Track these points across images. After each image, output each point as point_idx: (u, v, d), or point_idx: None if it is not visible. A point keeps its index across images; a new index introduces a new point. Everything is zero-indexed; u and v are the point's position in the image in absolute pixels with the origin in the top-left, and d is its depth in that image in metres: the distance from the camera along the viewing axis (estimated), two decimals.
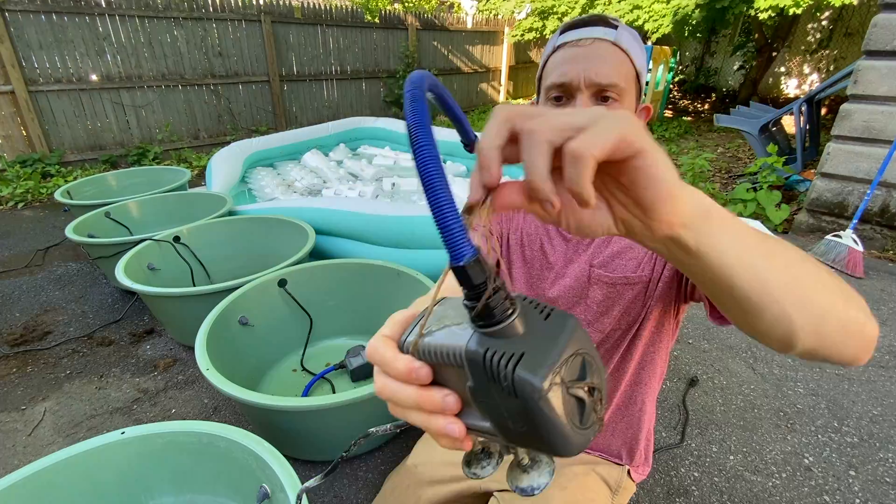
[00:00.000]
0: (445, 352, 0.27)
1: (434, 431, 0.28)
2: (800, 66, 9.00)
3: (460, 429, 0.28)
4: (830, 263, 2.86)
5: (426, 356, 0.28)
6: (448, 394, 0.28)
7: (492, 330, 0.24)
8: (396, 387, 0.29)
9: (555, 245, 0.79)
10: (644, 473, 0.88)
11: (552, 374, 0.23)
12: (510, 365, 0.23)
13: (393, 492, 0.93)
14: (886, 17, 2.82)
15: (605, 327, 0.74)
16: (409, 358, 0.29)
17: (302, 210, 2.48)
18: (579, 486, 0.78)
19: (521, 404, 0.23)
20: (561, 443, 0.24)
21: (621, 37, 0.63)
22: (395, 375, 0.29)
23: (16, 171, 4.26)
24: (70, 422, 1.69)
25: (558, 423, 0.23)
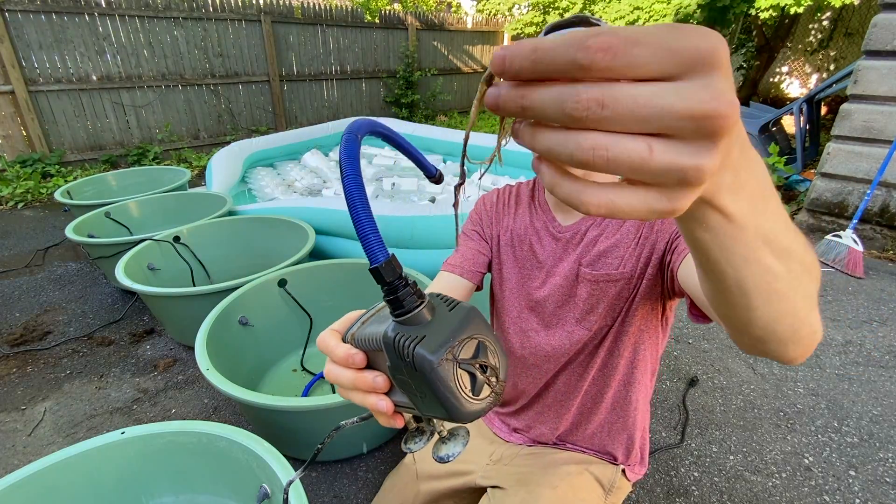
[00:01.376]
0: (371, 338, 0.33)
1: (369, 407, 0.34)
2: (800, 66, 8.99)
3: (388, 405, 0.33)
4: (830, 263, 2.86)
5: (361, 344, 0.34)
6: (378, 375, 0.33)
7: (403, 318, 0.30)
8: (339, 371, 0.35)
9: (544, 244, 0.79)
10: (640, 473, 0.88)
11: (445, 351, 0.28)
12: (412, 345, 0.28)
13: (392, 489, 0.94)
14: (886, 17, 2.82)
15: (593, 325, 0.75)
16: (348, 346, 0.35)
17: (302, 210, 2.48)
18: (570, 486, 0.78)
19: (421, 377, 0.28)
20: (454, 408, 0.29)
21: None
22: (336, 361, 0.35)
23: (16, 171, 4.26)
24: (70, 422, 1.69)
25: (449, 392, 0.28)
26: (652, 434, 1.66)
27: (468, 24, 8.58)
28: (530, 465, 0.84)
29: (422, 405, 0.31)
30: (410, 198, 3.54)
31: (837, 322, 2.32)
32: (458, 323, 0.30)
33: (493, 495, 0.80)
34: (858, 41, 7.92)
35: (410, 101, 7.57)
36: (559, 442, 0.87)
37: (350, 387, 0.34)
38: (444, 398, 0.28)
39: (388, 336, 0.30)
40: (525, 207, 0.83)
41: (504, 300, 0.84)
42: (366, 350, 0.34)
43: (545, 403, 0.85)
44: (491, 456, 0.88)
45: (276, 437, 1.34)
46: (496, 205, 0.88)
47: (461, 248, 0.85)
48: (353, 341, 0.35)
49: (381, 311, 0.36)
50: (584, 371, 0.79)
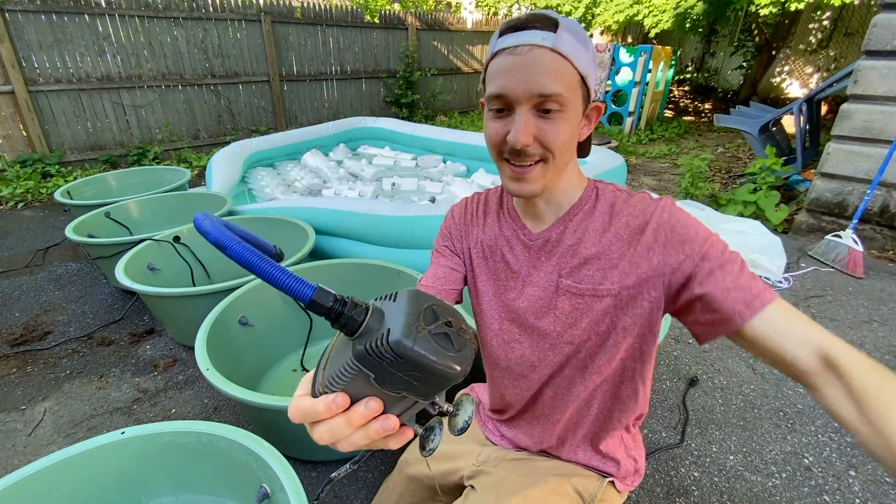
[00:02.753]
0: (342, 370, 0.32)
1: (376, 436, 0.33)
2: (800, 66, 8.99)
3: (394, 421, 0.33)
4: (830, 263, 2.87)
5: (335, 385, 0.33)
6: (368, 400, 0.32)
7: (360, 331, 0.31)
8: (329, 425, 0.33)
9: (516, 253, 0.75)
10: (633, 484, 0.85)
11: (412, 328, 0.29)
12: (384, 341, 0.29)
13: (388, 488, 0.95)
14: (886, 17, 2.82)
15: (575, 338, 0.70)
16: (324, 396, 0.33)
17: (302, 210, 2.48)
18: (542, 498, 0.76)
19: (408, 361, 0.29)
20: (447, 369, 0.30)
21: (560, 41, 0.57)
22: (322, 416, 0.33)
23: (16, 171, 4.26)
24: (70, 422, 1.69)
25: (439, 357, 0.29)
26: (652, 434, 1.66)
27: (468, 24, 8.58)
28: (510, 471, 0.83)
29: (422, 391, 0.32)
30: (410, 198, 3.54)
31: (837, 322, 2.32)
32: (406, 304, 0.32)
33: (466, 495, 0.80)
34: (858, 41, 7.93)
35: (410, 101, 7.57)
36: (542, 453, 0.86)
37: (348, 431, 0.33)
38: (437, 366, 0.29)
39: (359, 352, 0.30)
40: (494, 216, 0.79)
41: (483, 312, 0.81)
42: (343, 387, 0.33)
43: (534, 415, 0.82)
44: (478, 457, 0.88)
45: (276, 437, 1.34)
46: (465, 216, 0.83)
47: (433, 267, 0.81)
48: (325, 389, 0.34)
49: (334, 347, 0.36)
50: (570, 384, 0.76)
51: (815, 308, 2.44)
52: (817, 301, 2.51)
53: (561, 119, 0.60)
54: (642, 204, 0.67)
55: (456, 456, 0.90)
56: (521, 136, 0.58)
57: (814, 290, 2.63)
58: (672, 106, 9.36)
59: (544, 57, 0.57)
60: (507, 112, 0.61)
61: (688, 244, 0.61)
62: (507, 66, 0.59)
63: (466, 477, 0.86)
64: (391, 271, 1.92)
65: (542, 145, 0.60)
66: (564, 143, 0.61)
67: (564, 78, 0.58)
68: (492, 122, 0.63)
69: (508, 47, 0.59)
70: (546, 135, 0.60)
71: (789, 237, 3.36)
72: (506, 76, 0.59)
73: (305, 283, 0.31)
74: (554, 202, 0.71)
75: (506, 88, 0.59)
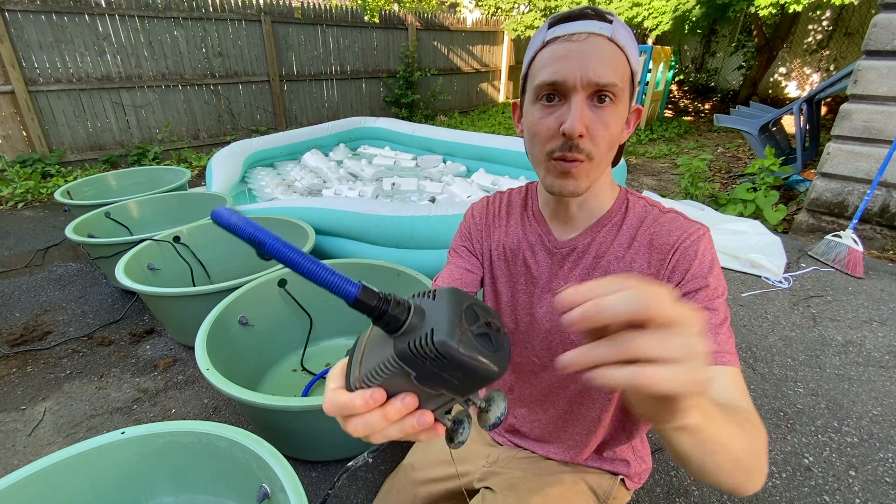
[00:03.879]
0: (382, 366, 0.32)
1: (412, 431, 0.33)
2: (800, 66, 8.99)
3: (429, 416, 0.33)
4: (831, 263, 2.87)
5: (372, 381, 0.33)
6: (404, 396, 0.33)
7: (403, 330, 0.31)
8: (365, 419, 0.33)
9: (538, 259, 0.74)
10: (641, 481, 0.86)
11: (456, 328, 0.30)
12: (428, 341, 0.29)
13: (390, 491, 0.94)
14: (886, 17, 2.82)
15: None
16: (361, 391, 0.33)
17: (302, 210, 2.48)
18: (561, 495, 0.76)
19: (451, 361, 0.29)
20: (488, 370, 0.30)
21: (618, 32, 0.57)
22: (359, 411, 0.33)
23: (16, 171, 4.26)
24: (70, 422, 1.69)
25: (481, 358, 0.30)
26: (652, 434, 1.66)
27: (468, 24, 8.59)
28: (524, 469, 0.83)
29: (460, 389, 0.32)
30: (410, 198, 3.54)
31: (837, 322, 2.32)
32: (448, 303, 0.32)
33: (483, 497, 0.80)
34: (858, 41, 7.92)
35: (410, 101, 7.57)
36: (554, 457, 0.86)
37: (384, 425, 0.33)
38: (478, 367, 0.30)
39: (402, 350, 0.30)
40: (518, 218, 0.77)
41: (500, 314, 0.79)
42: (381, 383, 0.33)
43: (547, 420, 0.82)
44: (488, 458, 0.88)
45: (276, 437, 1.34)
46: (486, 216, 0.80)
47: (449, 267, 0.79)
48: (362, 384, 0.34)
49: (369, 341, 0.36)
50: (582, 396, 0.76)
51: (815, 308, 2.44)
52: (817, 301, 2.51)
53: (612, 112, 0.58)
54: (671, 225, 0.65)
55: (464, 459, 0.90)
56: (577, 124, 0.56)
57: (814, 290, 2.62)
58: (672, 106, 9.36)
59: (603, 45, 0.56)
60: (560, 102, 0.58)
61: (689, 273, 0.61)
62: (562, 54, 0.57)
63: (478, 479, 0.85)
64: (391, 271, 1.92)
65: (592, 139, 0.58)
66: (611, 140, 0.60)
67: (620, 69, 0.57)
68: (542, 114, 0.60)
69: (562, 35, 0.57)
70: (597, 128, 0.58)
71: (789, 237, 3.36)
72: (562, 63, 0.56)
73: (350, 280, 0.31)
74: (587, 208, 0.69)
75: (562, 75, 0.56)
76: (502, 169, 4.02)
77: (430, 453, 0.93)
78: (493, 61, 9.38)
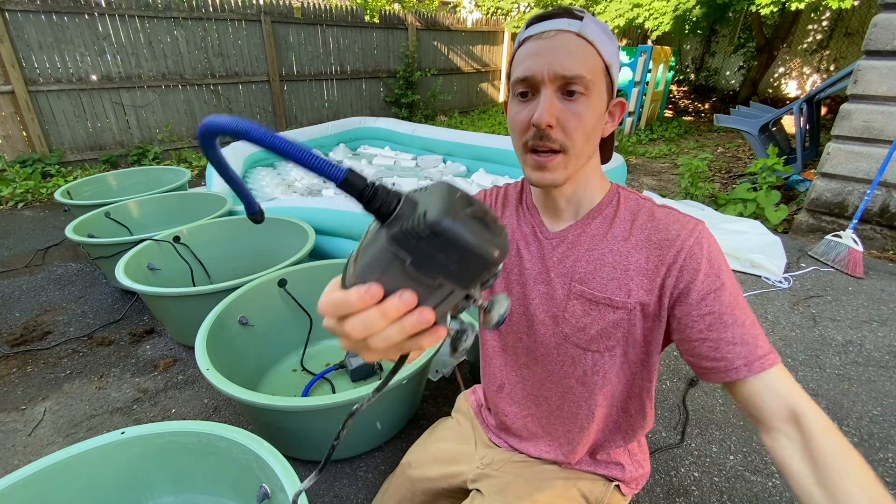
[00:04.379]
0: (377, 256, 0.31)
1: (412, 330, 0.31)
2: (800, 66, 9.00)
3: (429, 313, 0.31)
4: (831, 263, 2.87)
5: (368, 275, 0.32)
6: (402, 292, 0.30)
7: (395, 215, 0.30)
8: (362, 317, 0.31)
9: (531, 249, 0.74)
10: (638, 486, 0.85)
11: (451, 209, 0.29)
12: (422, 219, 0.28)
13: (388, 489, 0.94)
14: (886, 17, 2.82)
15: (582, 342, 0.70)
16: (357, 286, 0.31)
17: (302, 210, 2.48)
18: (549, 502, 0.76)
19: (447, 240, 0.28)
20: (486, 251, 0.29)
21: (586, 28, 0.60)
22: (355, 308, 0.31)
23: (16, 171, 4.26)
24: (70, 422, 1.69)
25: (477, 237, 0.29)
26: (652, 434, 1.66)
27: (468, 24, 8.59)
28: (516, 473, 0.83)
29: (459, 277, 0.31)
30: None
31: (837, 322, 2.32)
32: (440, 191, 0.31)
33: (473, 499, 0.80)
34: (858, 41, 7.93)
35: (410, 101, 7.57)
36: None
37: (383, 323, 0.31)
38: (474, 245, 0.29)
39: (394, 233, 0.29)
40: (512, 210, 0.79)
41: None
42: (376, 277, 0.31)
43: (539, 415, 0.82)
44: (482, 459, 0.88)
45: (276, 437, 1.34)
46: None
47: None
48: (357, 280, 0.32)
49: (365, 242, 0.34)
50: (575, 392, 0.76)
51: (815, 308, 2.44)
52: (817, 301, 2.51)
53: (584, 104, 0.60)
54: (668, 219, 0.66)
55: (459, 458, 0.90)
56: (544, 115, 0.59)
57: (814, 290, 2.63)
58: (672, 106, 9.36)
59: (570, 40, 0.59)
60: (532, 96, 0.62)
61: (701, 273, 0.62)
62: (533, 51, 0.60)
63: (470, 480, 0.85)
64: None
65: (563, 129, 0.60)
66: (587, 130, 0.61)
67: (589, 62, 0.59)
68: (516, 107, 0.64)
69: (535, 34, 0.61)
70: (568, 119, 0.60)
71: (789, 237, 3.36)
72: (531, 59, 0.60)
73: (338, 166, 0.30)
74: (574, 200, 0.70)
75: (531, 70, 0.60)
76: (502, 169, 4.02)
77: (428, 451, 0.94)
78: (493, 61, 9.38)
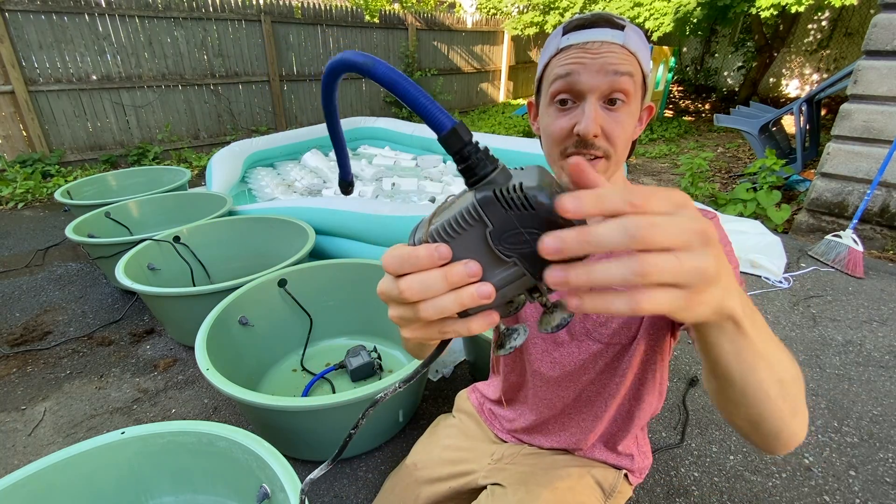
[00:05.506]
0: (458, 217, 0.29)
1: (470, 302, 0.29)
2: (800, 66, 9.00)
3: (489, 288, 0.29)
4: (830, 263, 2.87)
5: (442, 236, 0.30)
6: (469, 261, 0.29)
7: (488, 179, 0.29)
8: (423, 277, 0.29)
9: None
10: (641, 477, 0.87)
11: (549, 188, 0.28)
12: (517, 189, 0.28)
13: (393, 490, 0.94)
14: (886, 17, 2.82)
15: (604, 337, 0.72)
16: (426, 244, 0.30)
17: (302, 210, 2.48)
18: (570, 488, 0.77)
19: (538, 214, 0.28)
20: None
21: (629, 39, 0.61)
22: (419, 263, 0.29)
23: (16, 171, 4.26)
24: (70, 422, 1.69)
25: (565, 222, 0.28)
26: (652, 434, 1.66)
27: (468, 24, 8.58)
28: (532, 464, 0.84)
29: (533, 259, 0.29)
30: (410, 198, 3.54)
31: (837, 322, 2.32)
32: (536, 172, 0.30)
33: (492, 492, 0.80)
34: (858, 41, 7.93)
35: None
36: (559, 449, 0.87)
37: (442, 287, 0.29)
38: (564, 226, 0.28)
39: (485, 195, 0.28)
40: None
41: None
42: (450, 239, 0.30)
43: (553, 416, 0.83)
44: (493, 455, 0.88)
45: (276, 437, 1.34)
46: None
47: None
48: (430, 239, 0.30)
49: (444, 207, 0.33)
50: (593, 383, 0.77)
51: (815, 308, 2.44)
52: (817, 301, 2.51)
53: (626, 112, 0.61)
54: None
55: (467, 457, 0.90)
56: (591, 125, 0.59)
57: (814, 290, 2.63)
58: (672, 106, 9.35)
59: (616, 52, 0.60)
60: (574, 104, 0.62)
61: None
62: (578, 59, 0.60)
63: (482, 477, 0.85)
64: None
65: (608, 138, 0.61)
66: (627, 138, 0.63)
67: (632, 73, 0.61)
68: (556, 116, 0.63)
69: (577, 44, 0.61)
70: (613, 128, 0.61)
71: (789, 237, 3.36)
72: (577, 68, 0.60)
73: (448, 115, 0.30)
74: None
75: (577, 78, 0.60)
76: None
77: (433, 452, 0.93)
78: (494, 61, 9.38)
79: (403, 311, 0.31)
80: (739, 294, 0.32)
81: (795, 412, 0.40)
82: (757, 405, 0.39)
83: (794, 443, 0.42)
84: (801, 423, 0.41)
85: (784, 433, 0.41)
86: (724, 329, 0.33)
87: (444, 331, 0.32)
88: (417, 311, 0.30)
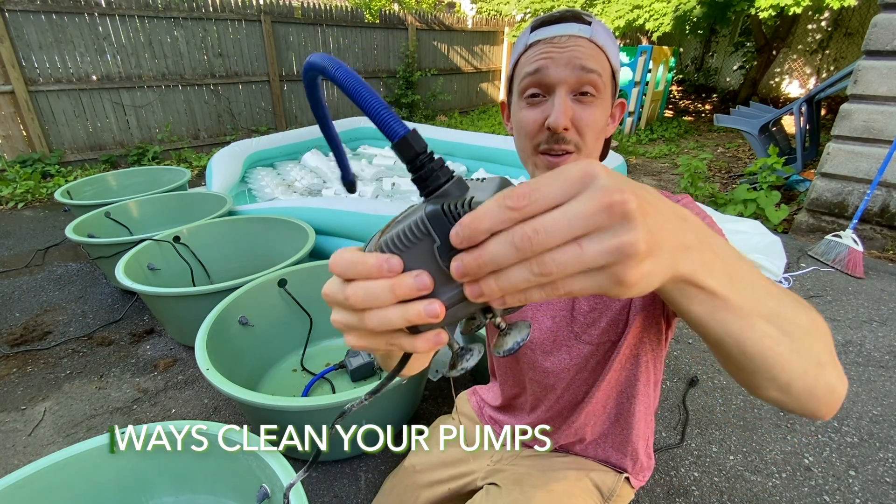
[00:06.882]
0: (407, 229, 0.28)
1: (415, 318, 0.27)
2: (800, 66, 9.00)
3: (439, 306, 0.28)
4: (831, 263, 2.86)
5: (391, 247, 0.29)
6: (419, 273, 0.27)
7: (441, 191, 0.28)
8: (369, 286, 0.28)
9: None
10: (644, 479, 0.86)
11: None
12: (467, 204, 0.27)
13: (392, 491, 0.94)
14: (886, 17, 2.82)
15: (594, 338, 0.72)
16: (377, 253, 0.28)
17: (302, 210, 2.48)
18: (566, 491, 0.77)
19: None
20: None
21: (596, 33, 0.61)
22: (367, 271, 0.28)
23: (16, 171, 4.27)
24: (70, 422, 1.69)
25: None
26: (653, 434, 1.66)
27: (468, 24, 8.59)
28: (529, 466, 0.84)
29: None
30: (410, 198, 3.54)
31: (837, 322, 2.32)
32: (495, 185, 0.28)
33: (487, 491, 0.80)
34: (858, 41, 7.93)
35: (410, 102, 7.57)
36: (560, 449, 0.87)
37: (387, 298, 0.27)
38: None
39: (434, 210, 0.27)
40: None
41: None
42: (400, 251, 0.28)
43: (548, 417, 0.83)
44: (492, 457, 0.88)
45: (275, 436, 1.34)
46: None
47: None
48: (379, 250, 0.29)
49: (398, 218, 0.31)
50: (587, 382, 0.77)
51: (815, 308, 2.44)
52: (817, 301, 2.51)
53: (596, 104, 0.61)
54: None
55: (467, 459, 0.90)
56: (561, 118, 0.59)
57: (814, 290, 2.63)
58: (672, 106, 9.36)
59: (583, 45, 0.60)
60: (544, 98, 0.62)
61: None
62: (546, 54, 0.61)
63: (481, 478, 0.86)
64: None
65: (578, 131, 0.61)
66: (597, 131, 0.63)
67: (600, 66, 0.61)
68: (526, 110, 0.63)
69: (545, 38, 0.61)
70: (582, 119, 0.61)
71: (789, 237, 3.36)
72: (545, 62, 0.60)
73: (401, 121, 0.28)
74: None
75: (545, 72, 0.60)
76: (502, 169, 4.02)
77: (433, 454, 0.93)
78: (493, 61, 9.38)
79: (348, 317, 0.29)
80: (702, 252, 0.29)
81: (820, 364, 0.37)
82: (768, 367, 0.35)
83: (835, 398, 0.38)
84: (833, 374, 0.37)
85: (817, 389, 0.37)
86: (685, 293, 0.31)
87: (390, 343, 0.30)
88: (363, 319, 0.28)
